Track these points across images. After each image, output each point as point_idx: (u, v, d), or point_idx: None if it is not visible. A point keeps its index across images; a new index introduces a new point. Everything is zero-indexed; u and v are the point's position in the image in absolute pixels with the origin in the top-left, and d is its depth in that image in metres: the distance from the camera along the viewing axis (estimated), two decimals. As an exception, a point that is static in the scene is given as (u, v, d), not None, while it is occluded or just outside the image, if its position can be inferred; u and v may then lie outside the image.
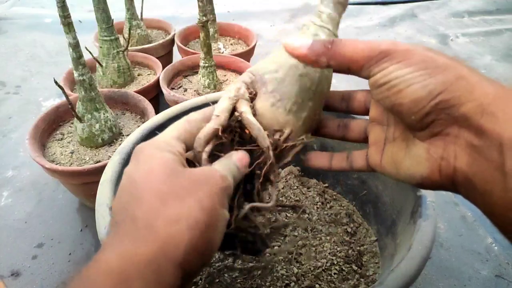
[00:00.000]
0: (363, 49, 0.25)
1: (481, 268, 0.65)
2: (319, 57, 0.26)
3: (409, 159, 0.26)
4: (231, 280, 0.49)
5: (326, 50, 0.26)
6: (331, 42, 0.26)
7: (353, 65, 0.26)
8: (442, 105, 0.23)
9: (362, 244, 0.57)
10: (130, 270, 0.21)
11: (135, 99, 0.81)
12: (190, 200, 0.23)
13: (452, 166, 0.24)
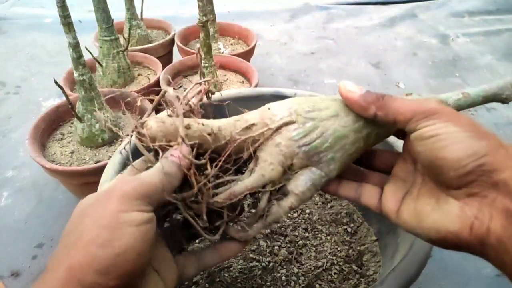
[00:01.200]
0: (411, 104, 0.27)
1: (483, 267, 0.64)
2: (369, 104, 0.28)
3: (438, 214, 0.27)
4: (231, 280, 0.49)
5: (377, 100, 0.28)
6: (383, 95, 0.28)
7: (400, 117, 0.27)
8: (485, 167, 0.24)
9: (362, 243, 0.56)
10: None
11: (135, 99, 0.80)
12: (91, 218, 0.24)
13: (485, 226, 0.24)
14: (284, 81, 1.18)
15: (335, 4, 1.72)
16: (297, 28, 1.53)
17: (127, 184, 0.25)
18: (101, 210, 0.24)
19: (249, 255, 0.52)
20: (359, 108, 0.29)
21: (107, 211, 0.23)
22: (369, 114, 0.28)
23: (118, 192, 0.24)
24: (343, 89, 0.29)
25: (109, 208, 0.24)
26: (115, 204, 0.24)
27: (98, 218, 0.23)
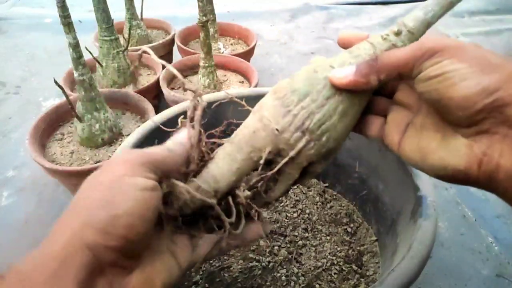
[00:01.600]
0: (407, 52, 0.25)
1: (481, 268, 0.65)
2: (368, 76, 0.26)
3: (444, 151, 0.25)
4: (231, 279, 0.49)
5: (373, 67, 0.26)
6: (374, 59, 0.26)
7: (403, 68, 0.25)
8: (496, 103, 0.22)
9: (362, 244, 0.57)
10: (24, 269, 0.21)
11: (135, 99, 0.81)
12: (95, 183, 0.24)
13: (495, 162, 0.23)
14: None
15: (335, 4, 1.72)
16: (297, 28, 1.53)
17: (131, 152, 0.26)
18: (105, 174, 0.24)
19: (249, 255, 0.52)
20: (361, 85, 0.27)
21: (111, 175, 0.24)
22: (373, 84, 0.27)
23: (123, 158, 0.25)
24: (335, 81, 0.27)
25: (114, 172, 0.24)
26: (119, 168, 0.24)
27: (102, 181, 0.24)
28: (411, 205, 0.45)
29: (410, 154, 0.28)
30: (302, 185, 0.64)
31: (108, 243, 0.22)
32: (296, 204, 0.60)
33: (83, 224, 0.22)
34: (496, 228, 0.72)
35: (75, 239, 0.21)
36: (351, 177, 0.62)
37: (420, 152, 0.27)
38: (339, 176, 0.64)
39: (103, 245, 0.22)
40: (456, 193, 0.79)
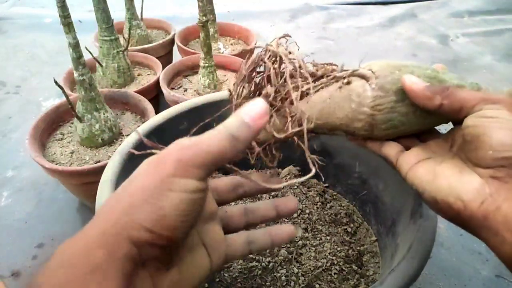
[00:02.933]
0: (479, 94, 0.28)
1: (481, 268, 0.65)
2: (434, 94, 0.29)
3: (456, 181, 0.28)
4: (231, 280, 0.49)
5: (443, 91, 0.29)
6: (448, 87, 0.29)
7: (466, 104, 0.28)
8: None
9: (362, 244, 0.57)
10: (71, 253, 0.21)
11: (135, 99, 0.81)
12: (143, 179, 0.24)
13: (497, 204, 0.25)
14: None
15: (335, 4, 1.72)
16: (297, 28, 1.53)
17: (185, 150, 0.23)
18: (154, 172, 0.23)
19: (249, 255, 0.52)
20: (424, 98, 0.29)
21: (160, 174, 0.23)
22: (434, 104, 0.29)
23: (174, 156, 0.23)
24: (407, 81, 0.30)
25: (163, 172, 0.23)
26: (169, 168, 0.23)
27: (151, 179, 0.23)
28: (411, 206, 0.46)
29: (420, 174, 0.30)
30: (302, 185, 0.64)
31: (153, 241, 0.22)
32: (296, 204, 0.60)
33: (130, 219, 0.22)
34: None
35: (121, 232, 0.22)
36: (351, 177, 0.62)
37: (433, 175, 0.29)
38: (339, 176, 0.64)
39: (147, 242, 0.22)
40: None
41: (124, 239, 0.22)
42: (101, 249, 0.21)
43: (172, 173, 0.23)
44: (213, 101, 0.60)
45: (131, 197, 0.23)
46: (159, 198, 0.22)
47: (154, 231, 0.22)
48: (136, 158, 0.46)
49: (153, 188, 0.23)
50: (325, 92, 0.32)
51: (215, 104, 0.60)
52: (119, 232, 0.22)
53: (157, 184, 0.23)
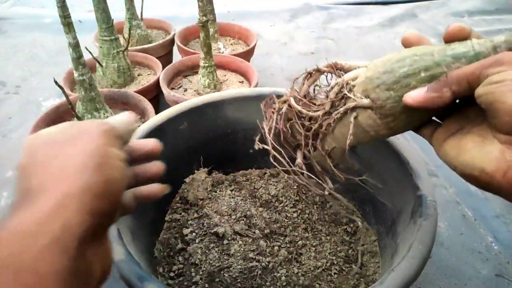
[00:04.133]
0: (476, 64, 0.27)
1: (481, 267, 0.65)
2: (440, 90, 0.28)
3: (478, 152, 0.27)
4: (231, 280, 0.49)
5: (444, 81, 0.28)
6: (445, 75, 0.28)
7: (471, 77, 0.27)
8: None
9: (362, 244, 0.57)
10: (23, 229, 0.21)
11: (135, 99, 0.81)
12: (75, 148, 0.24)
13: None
14: (284, 81, 1.18)
15: (335, 4, 1.72)
16: (297, 28, 1.53)
17: (104, 124, 0.27)
18: (85, 141, 0.25)
19: (249, 255, 0.52)
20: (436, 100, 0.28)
21: (93, 143, 0.24)
22: (447, 97, 0.28)
23: (100, 128, 0.26)
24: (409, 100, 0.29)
25: (95, 141, 0.25)
26: (100, 137, 0.25)
27: (85, 148, 0.24)
28: (411, 205, 0.46)
29: (448, 150, 0.30)
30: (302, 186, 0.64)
31: (105, 209, 0.23)
32: (296, 204, 0.60)
33: (81, 189, 0.22)
34: (496, 228, 0.72)
35: (74, 203, 0.22)
36: (351, 177, 0.62)
37: (458, 149, 0.29)
38: (339, 176, 0.63)
39: (100, 210, 0.23)
40: (456, 193, 0.79)
41: (77, 210, 0.22)
42: (57, 222, 0.21)
43: (103, 142, 0.25)
44: (213, 101, 0.60)
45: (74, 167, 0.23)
46: (103, 167, 0.24)
47: (105, 197, 0.23)
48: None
49: (94, 156, 0.24)
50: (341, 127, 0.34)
51: (215, 104, 0.60)
52: (72, 203, 0.22)
53: (96, 152, 0.24)
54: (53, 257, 0.20)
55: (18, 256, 0.19)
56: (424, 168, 0.48)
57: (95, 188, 0.23)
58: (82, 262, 0.22)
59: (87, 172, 0.23)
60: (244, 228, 0.55)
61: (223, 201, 0.60)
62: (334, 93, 0.34)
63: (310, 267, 0.52)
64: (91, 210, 0.22)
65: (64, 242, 0.21)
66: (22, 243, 0.20)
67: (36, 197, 0.22)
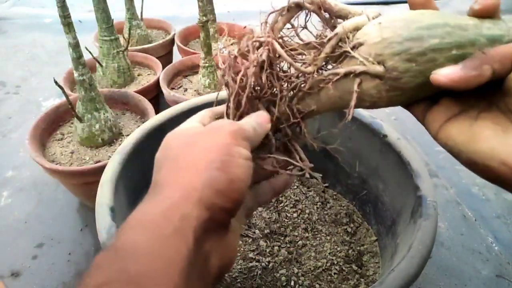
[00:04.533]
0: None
1: (481, 268, 0.65)
2: (479, 68, 0.24)
3: (499, 142, 0.25)
4: (231, 280, 0.49)
5: (484, 58, 0.25)
6: (483, 51, 0.25)
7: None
8: None
9: (362, 244, 0.56)
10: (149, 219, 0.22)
11: (135, 99, 0.81)
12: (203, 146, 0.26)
13: None
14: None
15: (335, 4, 1.72)
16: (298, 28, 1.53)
17: (233, 125, 0.27)
18: (213, 140, 0.26)
19: (249, 255, 0.52)
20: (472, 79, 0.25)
21: (221, 142, 0.26)
22: (487, 76, 0.24)
23: (227, 129, 0.27)
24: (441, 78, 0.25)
25: (222, 140, 0.26)
26: (227, 137, 0.26)
27: (211, 146, 0.25)
28: (411, 205, 0.45)
29: (456, 135, 0.27)
30: (302, 185, 0.64)
31: (224, 205, 0.24)
32: (296, 204, 0.60)
33: (202, 184, 0.23)
34: (496, 228, 0.71)
35: (194, 197, 0.23)
36: (351, 177, 0.62)
37: (470, 135, 0.26)
38: (339, 176, 0.63)
39: (219, 206, 0.24)
40: (456, 193, 0.79)
41: (198, 204, 0.23)
42: (178, 213, 0.22)
43: (229, 141, 0.26)
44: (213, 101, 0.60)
45: (200, 163, 0.25)
46: (227, 164, 0.25)
47: (226, 194, 0.24)
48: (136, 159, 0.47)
49: (219, 154, 0.25)
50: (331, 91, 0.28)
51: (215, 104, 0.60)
52: (193, 197, 0.23)
53: (221, 150, 0.25)
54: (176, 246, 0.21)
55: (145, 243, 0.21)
56: (424, 168, 0.48)
57: (216, 185, 0.24)
58: (199, 255, 0.23)
59: (211, 169, 0.24)
60: (244, 228, 0.55)
61: (223, 201, 0.60)
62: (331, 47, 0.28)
63: (310, 267, 0.51)
64: (211, 205, 0.23)
65: (182, 233, 0.22)
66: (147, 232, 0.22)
67: (162, 189, 0.24)
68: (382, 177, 0.56)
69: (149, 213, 0.23)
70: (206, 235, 0.23)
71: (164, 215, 0.22)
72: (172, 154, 0.26)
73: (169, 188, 0.24)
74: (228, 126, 0.27)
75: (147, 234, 0.22)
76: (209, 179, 0.24)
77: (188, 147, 0.26)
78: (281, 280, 0.49)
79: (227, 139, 0.26)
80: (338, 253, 0.54)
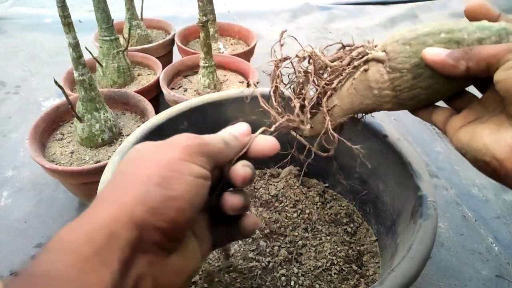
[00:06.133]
0: (503, 45, 0.26)
1: (481, 268, 0.65)
2: (458, 61, 0.27)
3: (491, 138, 0.27)
4: (231, 280, 0.49)
5: (465, 54, 0.27)
6: (470, 48, 0.27)
7: (491, 60, 0.26)
8: None
9: (362, 244, 0.56)
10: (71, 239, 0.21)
11: (135, 99, 0.81)
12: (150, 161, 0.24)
13: None
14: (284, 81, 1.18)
15: (335, 4, 1.72)
16: (298, 29, 1.53)
17: (191, 139, 0.26)
18: (162, 155, 0.24)
19: (249, 255, 0.52)
20: (448, 67, 0.28)
21: (168, 157, 0.24)
22: (460, 70, 0.27)
23: (182, 143, 0.25)
24: (427, 55, 0.28)
25: (171, 155, 0.24)
26: (178, 152, 0.24)
27: (158, 161, 0.24)
28: (411, 205, 0.45)
29: (462, 136, 0.29)
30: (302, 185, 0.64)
31: (157, 224, 0.22)
32: (296, 204, 0.60)
33: (135, 200, 0.22)
34: (496, 229, 0.71)
35: (124, 214, 0.21)
36: (351, 178, 0.61)
37: (471, 135, 0.29)
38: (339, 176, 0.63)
39: (152, 225, 0.22)
40: (456, 194, 0.79)
41: (127, 222, 0.21)
42: (102, 233, 0.20)
43: (180, 157, 0.24)
44: (213, 101, 0.60)
45: (139, 178, 0.23)
46: (168, 180, 0.23)
47: (160, 212, 0.22)
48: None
49: (161, 170, 0.23)
50: (349, 84, 0.33)
51: (215, 104, 0.60)
52: (122, 214, 0.21)
53: (166, 166, 0.23)
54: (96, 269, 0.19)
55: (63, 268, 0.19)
56: (425, 169, 0.48)
57: (150, 201, 0.22)
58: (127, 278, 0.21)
59: (148, 184, 0.22)
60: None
61: (223, 201, 0.60)
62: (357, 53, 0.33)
63: (310, 267, 0.51)
64: (142, 223, 0.21)
65: (105, 255, 0.20)
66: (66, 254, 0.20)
67: (96, 205, 0.23)
68: (383, 178, 0.56)
69: (74, 232, 0.21)
70: (137, 257, 0.22)
71: (87, 235, 0.20)
72: (123, 168, 0.25)
73: (102, 205, 0.22)
74: (184, 140, 0.25)
75: (65, 258, 0.19)
76: (143, 195, 0.22)
77: (137, 161, 0.25)
78: (281, 280, 0.49)
79: (177, 153, 0.24)
80: (338, 253, 0.54)
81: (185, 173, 0.24)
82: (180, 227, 0.23)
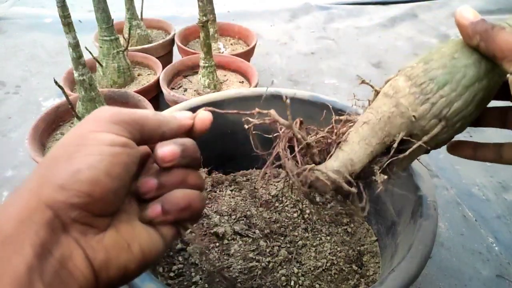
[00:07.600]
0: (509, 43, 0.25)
1: (482, 268, 0.64)
2: (474, 34, 0.27)
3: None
4: (231, 279, 0.49)
5: (485, 31, 0.26)
6: (493, 26, 0.26)
7: (498, 54, 0.26)
8: None
9: (362, 244, 0.56)
10: None
11: (135, 99, 0.81)
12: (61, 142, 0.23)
13: None
14: (284, 81, 1.18)
15: (335, 4, 1.72)
16: (297, 28, 1.53)
17: (105, 109, 0.24)
18: (73, 132, 0.23)
19: (249, 255, 0.52)
20: (465, 35, 0.28)
21: (77, 132, 0.23)
22: (472, 43, 0.27)
23: (93, 115, 0.24)
24: (458, 15, 0.28)
25: (81, 130, 0.23)
26: (87, 125, 0.23)
27: (67, 139, 0.23)
28: (411, 205, 0.45)
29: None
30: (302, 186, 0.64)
31: (68, 200, 0.21)
32: (296, 204, 0.60)
33: (41, 182, 0.21)
34: (496, 229, 0.71)
35: (33, 199, 0.20)
36: (351, 177, 0.61)
37: None
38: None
39: (63, 202, 0.21)
40: (456, 194, 0.79)
41: (37, 205, 0.20)
42: (11, 222, 0.20)
43: (88, 129, 0.23)
44: (213, 101, 0.60)
45: (47, 162, 0.22)
46: (73, 154, 0.22)
47: (68, 188, 0.21)
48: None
49: (68, 146, 0.22)
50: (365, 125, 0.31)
51: (215, 104, 0.60)
52: (32, 200, 0.20)
53: (73, 142, 0.23)
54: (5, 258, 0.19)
55: None
56: (425, 168, 0.48)
57: (56, 179, 0.21)
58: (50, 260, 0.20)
59: (52, 165, 0.22)
60: (244, 228, 0.55)
61: (223, 201, 0.60)
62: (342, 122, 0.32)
63: (310, 267, 0.51)
64: (53, 202, 0.21)
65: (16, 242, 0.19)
66: None
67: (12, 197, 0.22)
68: (382, 177, 0.55)
69: None
70: (59, 237, 0.21)
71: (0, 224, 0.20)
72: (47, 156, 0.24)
73: (15, 195, 0.21)
74: (96, 112, 0.24)
75: None
76: (49, 175, 0.21)
77: (52, 148, 0.24)
78: (281, 280, 0.49)
79: (88, 127, 0.23)
80: (338, 253, 0.54)
81: (93, 144, 0.22)
82: (101, 199, 0.22)
